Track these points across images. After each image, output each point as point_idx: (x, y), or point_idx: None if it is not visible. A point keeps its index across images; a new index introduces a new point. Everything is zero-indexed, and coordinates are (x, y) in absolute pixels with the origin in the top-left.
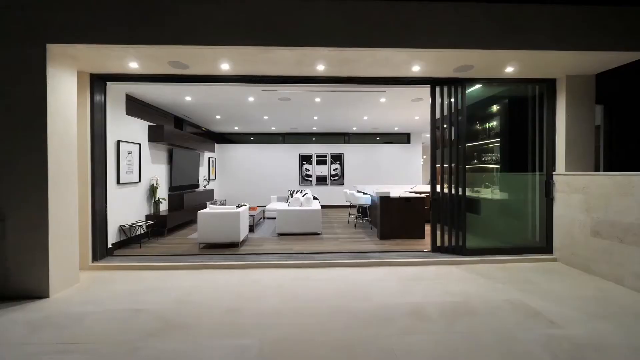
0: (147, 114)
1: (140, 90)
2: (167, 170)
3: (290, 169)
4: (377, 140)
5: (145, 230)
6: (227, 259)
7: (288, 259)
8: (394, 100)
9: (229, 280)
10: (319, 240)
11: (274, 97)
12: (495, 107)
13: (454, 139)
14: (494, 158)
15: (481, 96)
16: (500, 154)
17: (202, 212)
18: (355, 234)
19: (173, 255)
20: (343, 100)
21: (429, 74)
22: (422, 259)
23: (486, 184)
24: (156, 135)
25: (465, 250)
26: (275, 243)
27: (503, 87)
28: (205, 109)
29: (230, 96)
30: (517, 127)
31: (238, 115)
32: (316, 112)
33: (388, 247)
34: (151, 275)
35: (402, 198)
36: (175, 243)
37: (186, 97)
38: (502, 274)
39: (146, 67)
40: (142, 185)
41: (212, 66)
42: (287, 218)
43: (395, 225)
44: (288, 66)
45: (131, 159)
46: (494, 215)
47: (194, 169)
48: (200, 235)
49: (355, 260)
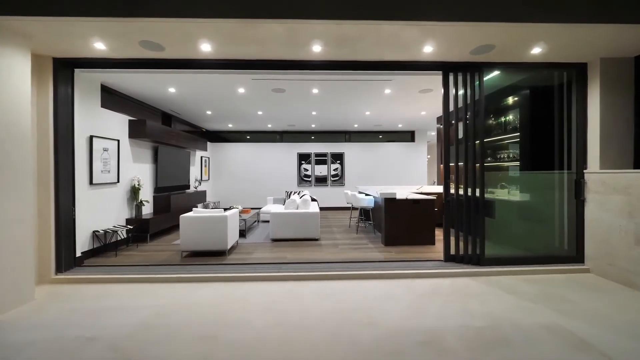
0: (129, 108)
1: (116, 80)
2: (152, 169)
3: (288, 169)
4: (379, 138)
5: (125, 236)
6: (211, 269)
7: (280, 270)
8: (400, 91)
9: (211, 296)
10: (317, 246)
11: (267, 88)
12: (511, 99)
13: (470, 133)
14: (511, 155)
15: (496, 86)
16: (519, 150)
17: (185, 216)
18: (357, 239)
19: (150, 266)
20: (343, 91)
21: (442, 57)
22: (434, 270)
23: (502, 184)
24: (138, 131)
25: (484, 260)
26: (268, 250)
27: (524, 74)
28: (193, 103)
29: (218, 87)
30: (540, 120)
31: (230, 111)
32: (314, 105)
33: (394, 256)
34: (121, 289)
35: (410, 200)
36: (157, 250)
37: (170, 89)
38: (529, 289)
39: (115, 49)
40: (121, 186)
41: (190, 48)
42: (282, 222)
43: (402, 230)
44: (279, 47)
45: (107, 156)
46: (513, 219)
47: (184, 169)
48: (182, 242)
49: (358, 271)
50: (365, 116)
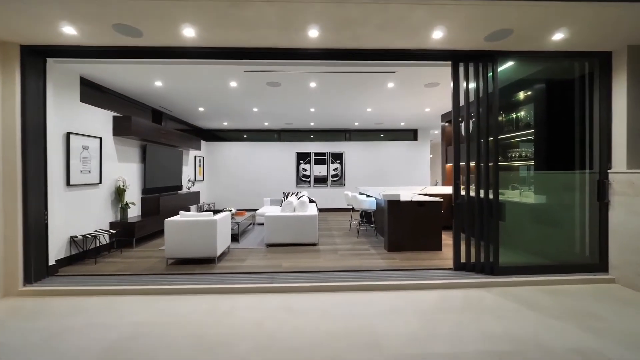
0: (115, 104)
1: (97, 72)
2: (140, 169)
3: (286, 169)
4: (380, 137)
5: (108, 241)
6: (196, 280)
7: (273, 281)
8: (404, 85)
9: (194, 311)
10: (315, 252)
11: (261, 81)
12: (523, 94)
13: (483, 129)
14: (523, 154)
15: (508, 79)
16: (534, 148)
17: (171, 220)
18: (358, 244)
19: (131, 275)
20: (343, 85)
21: (453, 44)
22: (443, 280)
23: (513, 185)
24: (123, 128)
25: (498, 268)
26: (262, 257)
27: (540, 66)
28: (183, 98)
29: (209, 81)
30: (558, 115)
31: (223, 107)
32: (312, 101)
33: (399, 263)
34: (96, 303)
35: (415, 202)
36: (141, 257)
37: (156, 82)
38: (551, 302)
39: (88, 35)
40: (104, 187)
41: (172, 33)
42: (278, 226)
43: (407, 235)
44: (271, 32)
45: (88, 155)
46: (526, 223)
47: (175, 169)
48: (167, 249)
49: (358, 281)
50: (366, 113)
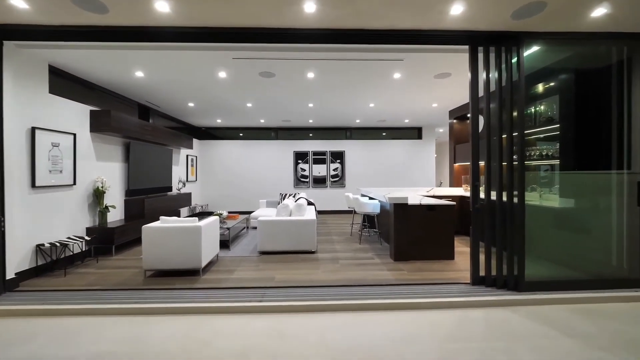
0: (94, 98)
1: (68, 59)
2: (123, 169)
3: (284, 169)
4: (383, 135)
5: (84, 249)
6: (176, 297)
7: (264, 298)
8: (412, 76)
9: (168, 338)
10: (313, 262)
11: (252, 71)
12: (542, 87)
13: (507, 124)
14: (544, 152)
15: (527, 69)
16: (559, 146)
17: (149, 227)
18: (360, 251)
19: (101, 291)
20: (344, 75)
21: (472, 23)
22: (461, 298)
23: (532, 186)
24: (101, 124)
25: (523, 284)
26: (253, 267)
27: (568, 51)
28: (170, 92)
29: (194, 71)
30: (588, 109)
31: (214, 103)
32: (310, 95)
33: (408, 276)
34: (54, 326)
35: (424, 206)
36: (119, 267)
37: (137, 73)
38: (591, 327)
39: (44, 10)
40: (79, 189)
41: (142, 8)
42: (272, 231)
43: (415, 242)
44: (260, 8)
45: (59, 153)
46: (549, 229)
47: (164, 169)
48: (146, 259)
49: (362, 299)
50: (368, 109)
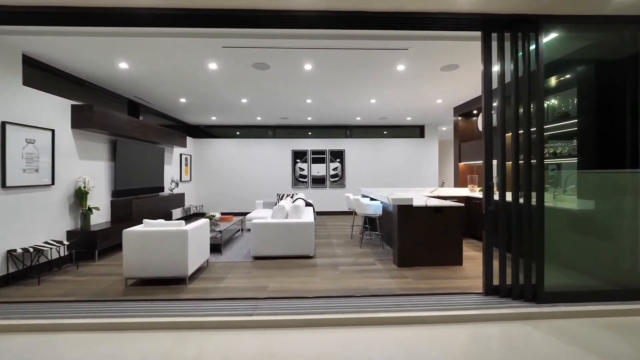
0: (78, 92)
1: (43, 48)
2: (110, 168)
3: (282, 169)
4: (384, 134)
5: (64, 254)
6: (157, 310)
7: (255, 311)
8: (417, 67)
9: (144, 358)
10: (310, 268)
11: (245, 62)
12: (555, 80)
13: (524, 117)
14: (559, 150)
15: (546, 59)
16: (577, 143)
17: (130, 231)
18: (361, 256)
19: (76, 302)
20: (344, 67)
21: (486, 5)
22: (474, 311)
23: (545, 187)
24: (84, 119)
25: (542, 294)
26: (245, 274)
27: (590, 39)
28: (158, 86)
29: (183, 61)
30: (611, 103)
31: (207, 98)
32: (308, 90)
33: (414, 285)
34: (17, 345)
35: (430, 207)
36: (99, 274)
37: (120, 64)
38: (625, 347)
39: None
40: (58, 189)
41: None
42: (267, 235)
43: (420, 247)
44: None
45: (34, 151)
46: (566, 233)
47: (156, 169)
48: (127, 266)
49: (365, 313)
50: (369, 106)
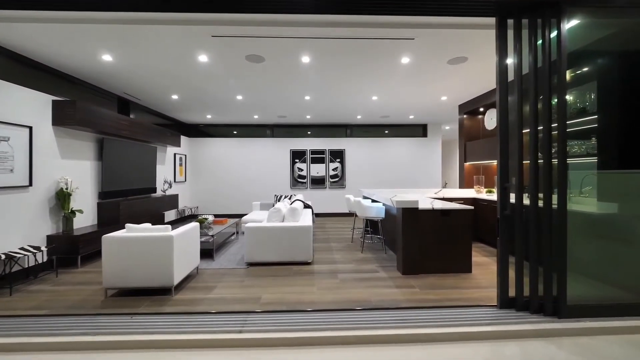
0: (62, 88)
1: (19, 38)
2: (96, 168)
3: (280, 169)
4: (385, 133)
5: (42, 260)
6: (137, 326)
7: (244, 328)
8: (423, 60)
9: None
10: (308, 276)
11: (238, 53)
12: (570, 73)
13: (543, 113)
14: (575, 149)
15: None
16: (598, 141)
17: (110, 237)
18: (363, 262)
19: (47, 317)
20: (345, 60)
21: None
22: (488, 327)
23: None
24: (66, 116)
25: (565, 308)
26: (237, 283)
27: (613, 27)
28: (146, 80)
29: (169, 53)
30: (636, 98)
31: (200, 94)
32: (307, 85)
33: (420, 295)
34: None
35: (438, 211)
36: (79, 283)
37: (103, 56)
38: None
39: None
40: (37, 191)
41: None
42: (262, 239)
43: (426, 253)
44: None
45: (8, 149)
46: (588, 239)
47: (148, 169)
48: (106, 276)
49: (366, 330)
50: (371, 103)
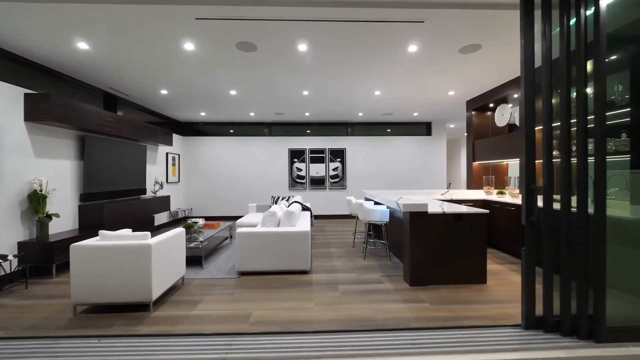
0: (46, 83)
1: None
2: (78, 168)
3: (278, 169)
4: (387, 132)
5: (6, 271)
6: (104, 351)
7: (228, 354)
8: (432, 48)
9: None
10: (305, 287)
11: (227, 40)
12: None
13: (580, 102)
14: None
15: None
16: (631, 137)
17: (79, 246)
18: (365, 271)
19: (1, 340)
20: (345, 48)
21: None
22: (513, 354)
23: None
24: (39, 111)
25: (605, 330)
26: (226, 296)
27: None
28: (131, 72)
29: (150, 39)
30: None
31: (190, 88)
32: (304, 78)
33: (431, 312)
34: None
35: (449, 215)
36: (50, 296)
37: (78, 44)
38: None
39: None
40: (5, 193)
41: None
42: (255, 246)
43: (436, 262)
44: None
45: None
46: (624, 249)
47: (137, 169)
48: (75, 290)
49: (372, 357)
50: (373, 99)
